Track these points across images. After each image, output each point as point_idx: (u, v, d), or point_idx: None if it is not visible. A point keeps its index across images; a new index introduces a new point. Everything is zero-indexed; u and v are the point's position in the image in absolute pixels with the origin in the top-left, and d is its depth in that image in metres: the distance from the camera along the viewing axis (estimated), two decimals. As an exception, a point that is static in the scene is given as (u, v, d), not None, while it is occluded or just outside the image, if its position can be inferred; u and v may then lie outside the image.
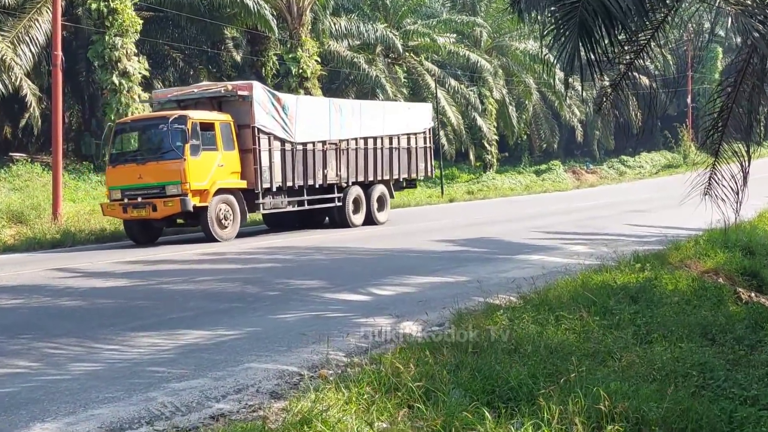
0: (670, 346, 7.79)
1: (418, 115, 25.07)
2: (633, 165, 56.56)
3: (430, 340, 7.66)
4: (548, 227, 20.93)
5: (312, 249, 17.33)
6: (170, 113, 19.09)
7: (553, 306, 9.04)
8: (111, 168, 19.45)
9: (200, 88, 20.65)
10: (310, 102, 22.72)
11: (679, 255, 13.58)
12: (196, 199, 18.52)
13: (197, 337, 8.68)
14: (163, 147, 18.70)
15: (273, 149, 19.99)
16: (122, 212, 19.01)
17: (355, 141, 22.34)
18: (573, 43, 7.83)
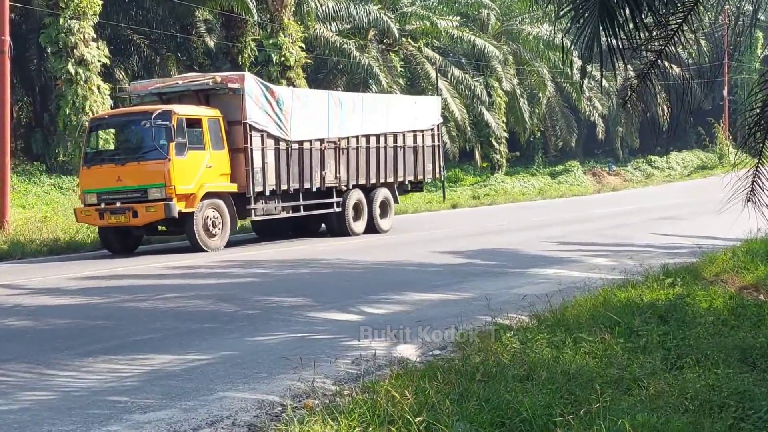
0: (705, 372, 7.79)
1: (425, 109, 25.20)
2: (662, 166, 56.69)
3: (430, 366, 7.65)
4: (565, 237, 20.95)
5: (301, 261, 17.33)
6: (152, 108, 19.11)
7: (570, 327, 9.04)
8: (86, 169, 19.46)
9: (185, 80, 20.75)
10: (307, 95, 22.84)
11: (714, 269, 13.59)
12: (181, 204, 18.58)
13: (165, 362, 8.66)
14: (145, 146, 18.78)
15: (266, 148, 20.07)
16: (98, 218, 18.98)
17: (356, 139, 22.48)
18: (593, 26, 7.85)
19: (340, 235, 22.32)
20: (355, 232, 22.44)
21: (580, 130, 59.66)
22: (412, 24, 43.03)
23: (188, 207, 18.71)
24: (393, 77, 40.62)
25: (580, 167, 52.16)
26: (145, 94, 20.74)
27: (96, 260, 18.62)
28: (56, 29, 27.48)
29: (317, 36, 38.30)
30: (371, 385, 7.13)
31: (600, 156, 64.27)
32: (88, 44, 27.85)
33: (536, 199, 39.80)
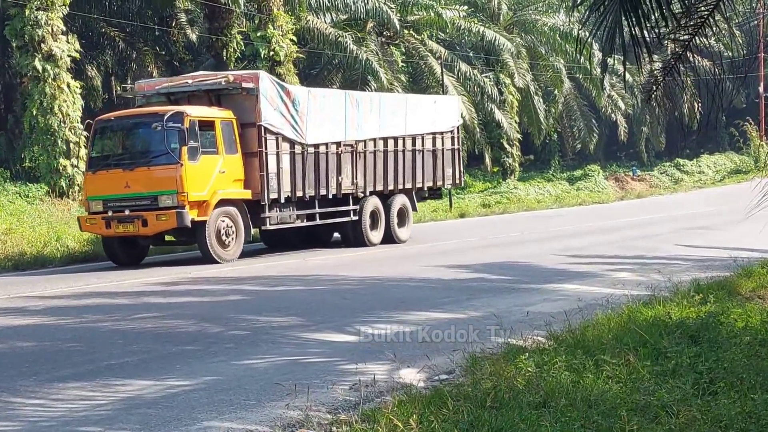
0: (740, 398, 7.77)
1: (444, 110, 25.53)
2: (691, 170, 56.69)
3: (436, 392, 7.64)
4: (585, 249, 20.95)
5: (313, 277, 17.34)
6: (162, 109, 19.44)
7: (591, 348, 9.03)
8: (90, 174, 19.78)
9: (195, 79, 21.06)
10: (324, 95, 23.08)
11: (750, 284, 13.58)
12: (194, 212, 18.87)
13: (142, 389, 8.65)
14: (156, 149, 19.10)
15: (281, 152, 20.44)
16: (105, 227, 19.26)
17: (374, 142, 22.84)
18: (614, 15, 7.86)
19: (356, 246, 22.62)
20: (372, 242, 22.79)
21: (600, 130, 59.70)
22: (415, 14, 43.09)
23: (201, 215, 18.99)
24: (394, 73, 40.66)
25: (601, 172, 52.17)
26: (151, 94, 21.04)
27: (66, 276, 18.62)
28: (22, 21, 27.55)
29: (310, 28, 38.35)
30: (371, 413, 7.12)
31: (623, 159, 64.35)
32: (56, 38, 27.90)
33: (553, 207, 39.83)
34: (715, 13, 9.84)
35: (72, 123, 27.63)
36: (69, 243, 22.02)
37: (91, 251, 21.63)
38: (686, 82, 11.02)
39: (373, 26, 41.88)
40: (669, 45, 10.61)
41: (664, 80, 10.91)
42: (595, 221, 30.08)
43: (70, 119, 27.59)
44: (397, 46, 42.99)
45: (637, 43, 8.57)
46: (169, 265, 19.92)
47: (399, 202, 23.65)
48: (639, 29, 8.42)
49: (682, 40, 10.43)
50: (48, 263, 20.72)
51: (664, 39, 9.83)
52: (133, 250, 20.19)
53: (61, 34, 28.07)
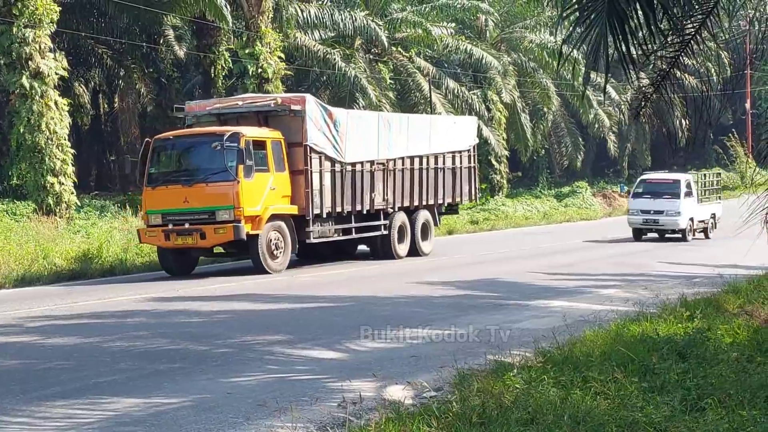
0: (728, 414, 7.78)
1: (463, 130, 26.85)
2: (679, 187, 56.82)
3: (424, 409, 7.63)
4: (572, 265, 20.99)
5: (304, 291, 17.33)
6: (220, 129, 20.70)
7: (579, 365, 9.05)
8: (150, 189, 20.82)
9: (245, 101, 22.36)
10: (360, 117, 24.76)
11: (738, 300, 13.63)
12: (248, 226, 19.96)
13: (129, 407, 8.62)
14: (214, 167, 20.16)
15: (324, 170, 21.65)
16: (164, 239, 20.33)
17: (402, 161, 24.07)
18: (600, 29, 7.87)
19: (384, 258, 23.57)
20: (400, 255, 23.89)
21: (588, 147, 59.85)
22: (403, 31, 43.17)
23: (254, 229, 20.07)
24: (382, 90, 40.72)
25: (589, 188, 52.26)
26: (202, 114, 22.23)
27: (54, 294, 18.55)
28: (9, 39, 27.46)
29: (298, 45, 38.39)
30: (359, 430, 7.11)
31: (610, 176, 64.47)
32: (44, 55, 27.84)
33: (541, 224, 39.89)
34: (701, 30, 9.89)
35: (59, 140, 27.55)
36: (56, 261, 21.96)
37: (79, 269, 21.57)
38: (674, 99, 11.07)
39: (361, 43, 41.94)
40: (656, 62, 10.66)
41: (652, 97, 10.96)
42: (583, 238, 30.16)
43: (58, 136, 27.50)
44: (385, 63, 43.06)
45: (624, 60, 8.60)
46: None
47: (423, 217, 24.86)
48: (625, 45, 8.44)
49: (669, 58, 10.48)
50: (35, 281, 20.64)
51: (651, 56, 9.87)
52: (185, 261, 21.23)
53: (48, 51, 28.02)
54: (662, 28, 9.42)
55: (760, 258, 16.60)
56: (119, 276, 21.65)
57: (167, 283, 19.39)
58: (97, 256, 22.57)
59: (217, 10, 32.40)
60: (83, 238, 24.80)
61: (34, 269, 21.26)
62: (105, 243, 23.43)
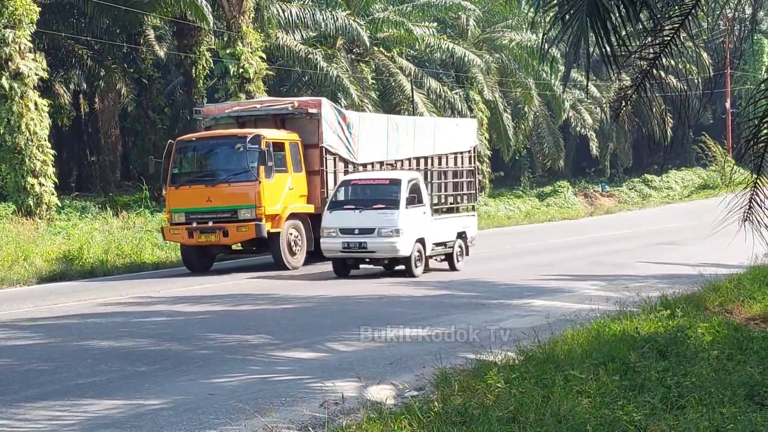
0: (708, 411, 7.82)
1: (464, 132, 27.65)
2: (659, 186, 57.05)
3: (406, 409, 7.64)
4: (554, 264, 21.03)
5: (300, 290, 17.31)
6: (241, 131, 21.60)
7: (561, 363, 9.07)
8: (173, 189, 21.60)
9: (263, 104, 23.31)
10: (371, 119, 25.95)
11: (718, 298, 13.68)
12: (269, 224, 20.82)
13: (110, 408, 8.60)
14: (236, 168, 21.03)
15: (338, 171, 22.47)
16: (188, 237, 21.15)
17: (409, 161, 24.85)
18: (579, 23, 7.83)
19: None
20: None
21: (569, 147, 59.99)
22: (385, 31, 43.16)
23: (274, 227, 20.96)
24: (364, 90, 40.71)
25: (571, 188, 52.37)
26: (220, 116, 23.16)
27: (35, 295, 18.48)
28: (-12, 39, 27.35)
29: (279, 45, 38.35)
30: (340, 430, 7.11)
31: (592, 175, 64.65)
32: (24, 56, 27.74)
33: (523, 223, 39.95)
34: (680, 31, 9.92)
35: (39, 141, 27.47)
36: (37, 262, 21.90)
37: (60, 270, 21.51)
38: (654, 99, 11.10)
39: (343, 43, 41.92)
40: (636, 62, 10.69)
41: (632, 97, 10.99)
42: (564, 237, 30.22)
43: (38, 137, 27.41)
44: (367, 63, 43.06)
45: (606, 60, 8.61)
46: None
47: None
48: (607, 42, 8.43)
49: (649, 58, 10.52)
50: (16, 282, 20.56)
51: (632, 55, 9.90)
52: (205, 258, 22.02)
53: (28, 52, 27.92)
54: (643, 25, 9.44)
55: (741, 257, 16.66)
56: (100, 277, 21.59)
57: (148, 285, 19.34)
58: (78, 258, 22.51)
59: (198, 11, 32.36)
60: (64, 239, 24.74)
61: (14, 271, 21.18)
62: (86, 244, 23.37)
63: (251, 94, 33.42)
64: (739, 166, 14.79)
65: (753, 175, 11.49)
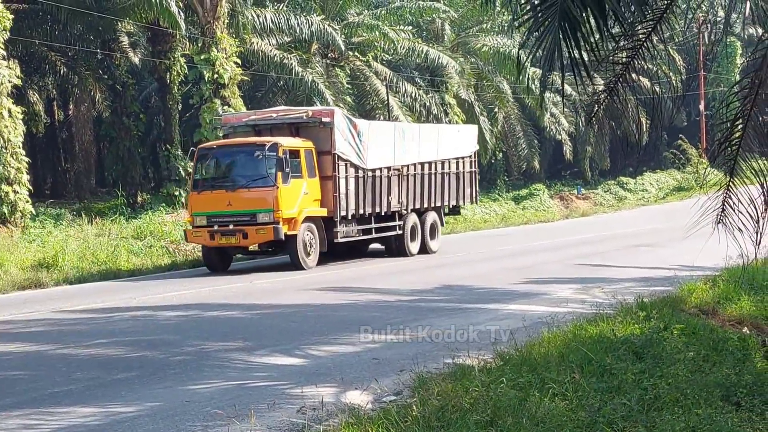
0: (685, 413, 7.87)
1: (465, 137, 29.30)
2: (634, 188, 57.28)
3: (384, 413, 7.64)
4: (531, 268, 21.08)
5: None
6: (260, 140, 22.81)
7: (537, 366, 9.09)
8: (195, 194, 22.96)
9: (278, 113, 24.48)
10: (379, 127, 27.34)
11: (693, 300, 13.76)
12: (286, 227, 21.96)
13: (85, 416, 8.57)
14: (255, 174, 22.29)
15: (349, 176, 23.77)
16: (209, 239, 22.32)
17: (414, 166, 26.25)
18: (553, 36, 7.92)
19: (398, 255, 25.47)
20: (412, 253, 25.90)
21: (545, 150, 60.16)
22: (360, 36, 43.18)
23: (291, 230, 22.09)
24: (339, 94, 40.71)
25: (546, 191, 52.50)
26: (238, 125, 24.35)
27: (10, 303, 18.38)
28: (-39, 47, 27.21)
29: (254, 50, 38.28)
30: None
31: (567, 178, 64.86)
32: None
33: (499, 226, 40.02)
34: (652, 34, 9.98)
35: (13, 148, 27.30)
36: (12, 270, 21.78)
37: (35, 278, 21.40)
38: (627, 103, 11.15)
39: (318, 48, 41.90)
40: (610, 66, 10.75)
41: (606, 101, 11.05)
42: (540, 240, 30.27)
43: (12, 145, 27.25)
44: (342, 67, 43.05)
45: (576, 65, 8.65)
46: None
47: (431, 218, 26.95)
48: (578, 51, 8.49)
49: (621, 62, 10.57)
50: (-10, 291, 20.44)
51: (604, 61, 9.94)
52: (224, 259, 23.22)
53: (1, 59, 27.78)
54: (614, 33, 9.50)
55: (716, 259, 16.74)
56: (75, 285, 21.48)
57: (124, 292, 19.27)
58: (53, 265, 22.41)
59: (171, 17, 32.23)
60: (39, 246, 24.63)
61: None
62: (61, 252, 23.27)
63: (226, 99, 33.41)
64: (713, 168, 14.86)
65: (726, 177, 11.57)
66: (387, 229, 25.35)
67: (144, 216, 30.57)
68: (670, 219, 33.49)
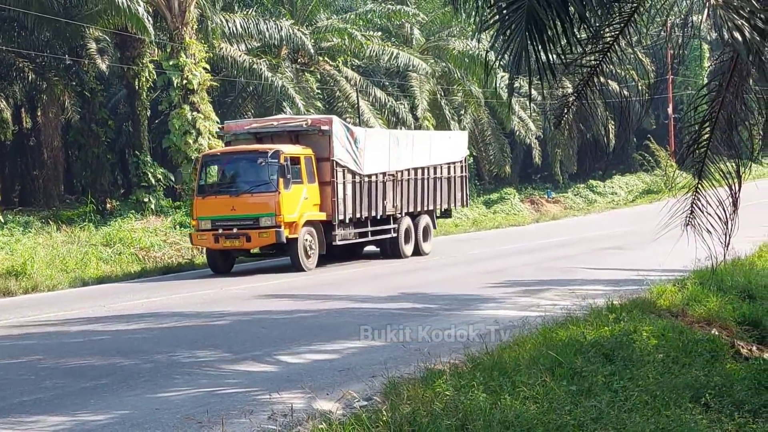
0: (654, 414, 7.90)
1: (456, 143, 30.52)
2: (604, 191, 57.49)
3: (355, 419, 7.64)
4: (502, 272, 21.14)
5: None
6: (263, 147, 23.69)
7: (508, 370, 9.11)
8: (200, 199, 23.78)
9: (279, 121, 25.44)
10: (375, 134, 28.38)
11: (662, 302, 13.83)
12: (287, 230, 22.83)
13: (55, 425, 8.52)
14: (258, 180, 23.18)
15: (346, 182, 24.62)
16: (213, 242, 23.24)
17: (408, 172, 27.19)
18: (520, 39, 7.94)
19: (392, 257, 26.29)
20: (406, 254, 26.76)
21: (515, 154, 60.30)
22: (329, 40, 43.15)
23: (292, 233, 23.00)
24: (309, 99, 40.65)
25: (517, 195, 52.63)
26: (240, 133, 25.24)
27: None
28: (-73, 53, 27.01)
29: (223, 56, 38.13)
30: (289, 442, 7.09)
31: (538, 182, 65.05)
32: (-37, 70, 27.43)
33: (470, 230, 40.10)
34: (620, 38, 10.03)
35: (-19, 156, 27.17)
36: (-21, 279, 21.62)
37: (2, 286, 21.25)
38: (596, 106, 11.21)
39: (287, 53, 41.82)
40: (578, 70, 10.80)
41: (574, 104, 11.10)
42: (511, 244, 30.38)
43: (-21, 152, 27.14)
44: (312, 72, 43.01)
45: (544, 68, 8.68)
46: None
47: (424, 221, 27.92)
48: (545, 54, 8.51)
49: (589, 66, 10.62)
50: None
51: (571, 65, 9.99)
52: (227, 261, 24.13)
53: (-32, 66, 27.62)
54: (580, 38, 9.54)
55: (684, 261, 16.85)
56: (43, 292, 21.35)
57: (94, 299, 19.16)
58: (22, 273, 22.25)
59: (139, 22, 32.05)
60: (7, 254, 24.41)
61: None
62: (29, 259, 23.10)
63: (195, 105, 33.28)
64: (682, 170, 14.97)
65: (695, 179, 11.66)
66: (382, 232, 26.25)
67: (113, 223, 30.39)
68: (639, 222, 33.68)
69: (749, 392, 9.23)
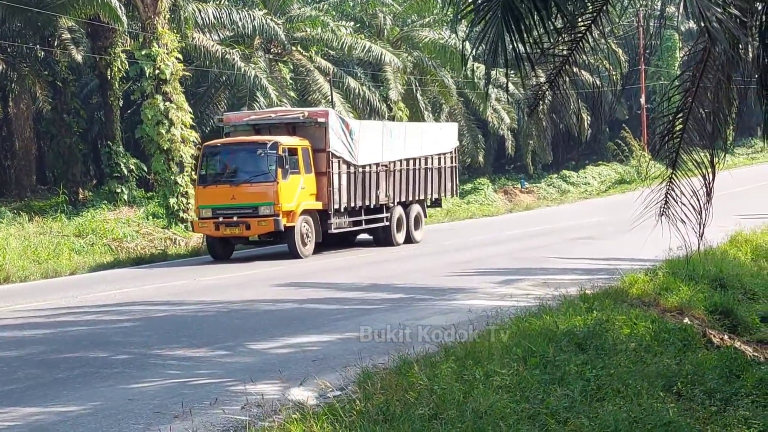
0: (627, 403, 7.94)
1: (447, 134, 31.57)
2: (577, 182, 57.68)
3: (328, 408, 7.64)
4: (475, 262, 21.19)
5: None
6: (261, 138, 24.52)
7: (481, 359, 9.13)
8: (201, 188, 24.72)
9: (277, 113, 26.54)
10: (369, 126, 29.06)
11: (635, 291, 13.89)
12: (285, 219, 23.61)
13: (27, 416, 8.49)
14: (257, 170, 23.97)
15: (341, 172, 25.47)
16: (214, 230, 24.10)
17: (400, 162, 28.03)
18: (497, 28, 7.95)
19: (385, 245, 26.98)
20: (398, 242, 27.55)
21: (489, 144, 60.36)
22: (302, 30, 43.05)
23: (289, 222, 23.79)
24: (283, 89, 40.56)
25: (491, 185, 52.74)
26: (239, 124, 26.10)
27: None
28: None
29: (196, 46, 37.96)
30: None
31: (511, 172, 65.18)
32: (-67, 60, 27.19)
33: (444, 221, 40.14)
34: (592, 27, 10.06)
35: (-49, 146, 26.96)
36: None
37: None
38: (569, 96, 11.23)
39: (260, 43, 41.68)
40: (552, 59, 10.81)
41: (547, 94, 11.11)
42: (485, 234, 30.47)
43: (-50, 143, 26.93)
44: (285, 62, 42.88)
45: (519, 57, 8.69)
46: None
47: (415, 210, 28.71)
48: (521, 44, 8.53)
49: (562, 55, 10.64)
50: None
51: (546, 54, 10.01)
52: (227, 248, 24.98)
53: (-62, 55, 27.39)
54: (556, 26, 9.56)
55: (656, 250, 16.93)
56: (16, 283, 21.23)
57: (65, 290, 19.07)
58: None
59: (112, 12, 31.88)
60: (-22, 245, 24.26)
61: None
62: (1, 250, 22.96)
63: (168, 95, 33.10)
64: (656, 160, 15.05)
65: (668, 170, 11.70)
66: (375, 221, 27.04)
67: (86, 213, 30.26)
68: (612, 212, 33.85)
69: (721, 381, 9.30)
